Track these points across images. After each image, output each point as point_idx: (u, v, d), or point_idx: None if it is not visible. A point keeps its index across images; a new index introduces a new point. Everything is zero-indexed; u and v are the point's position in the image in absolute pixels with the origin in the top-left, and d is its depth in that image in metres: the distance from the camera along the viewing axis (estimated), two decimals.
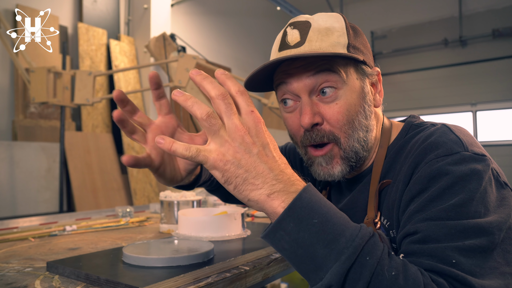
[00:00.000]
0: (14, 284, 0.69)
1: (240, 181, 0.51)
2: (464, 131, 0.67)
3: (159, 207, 1.61)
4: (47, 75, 2.49)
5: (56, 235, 1.18)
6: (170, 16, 4.16)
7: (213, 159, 0.51)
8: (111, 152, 3.59)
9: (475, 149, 0.62)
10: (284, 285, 2.94)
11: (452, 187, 0.58)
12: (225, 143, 0.51)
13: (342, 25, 0.71)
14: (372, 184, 0.73)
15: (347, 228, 0.52)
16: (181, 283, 0.68)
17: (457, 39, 6.07)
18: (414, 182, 0.62)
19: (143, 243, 0.89)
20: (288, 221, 0.51)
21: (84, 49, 3.56)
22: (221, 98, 0.51)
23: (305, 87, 0.69)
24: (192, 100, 0.51)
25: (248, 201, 0.53)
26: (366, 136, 0.73)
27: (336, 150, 0.71)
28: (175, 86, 2.79)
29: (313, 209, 0.51)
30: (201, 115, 0.50)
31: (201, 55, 4.80)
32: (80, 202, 3.14)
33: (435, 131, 0.67)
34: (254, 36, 6.26)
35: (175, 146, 0.51)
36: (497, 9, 5.84)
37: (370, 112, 0.74)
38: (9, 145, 2.90)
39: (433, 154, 0.62)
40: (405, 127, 0.77)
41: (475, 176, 0.58)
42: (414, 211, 0.60)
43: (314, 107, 0.69)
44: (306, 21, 0.72)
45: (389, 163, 0.73)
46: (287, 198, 0.52)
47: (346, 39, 0.70)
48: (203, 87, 0.52)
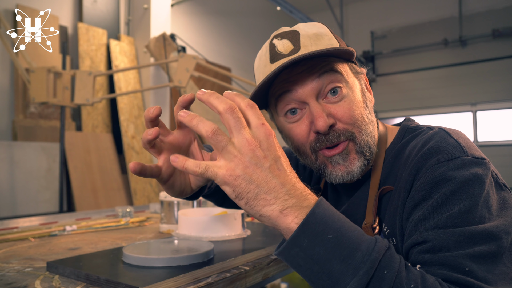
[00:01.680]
0: (14, 284, 0.69)
1: (251, 196, 0.50)
2: (461, 135, 0.67)
3: (159, 207, 1.61)
4: (47, 75, 2.49)
5: (56, 235, 1.18)
6: (170, 16, 4.16)
7: (223, 174, 0.50)
8: (111, 152, 3.59)
9: (475, 152, 0.62)
10: (284, 285, 2.94)
11: (455, 193, 0.57)
12: (234, 158, 0.50)
13: (327, 31, 0.73)
14: (372, 189, 0.72)
15: (362, 241, 0.51)
16: (181, 283, 0.68)
17: (457, 39, 6.07)
18: (417, 189, 0.62)
19: (143, 243, 0.89)
20: (303, 238, 0.50)
21: (84, 49, 3.56)
22: (230, 112, 0.50)
23: (311, 91, 0.68)
24: (197, 119, 0.50)
25: (260, 217, 0.52)
26: (373, 130, 0.73)
27: (351, 146, 0.70)
28: (175, 86, 2.79)
29: (327, 224, 0.50)
30: (206, 133, 0.49)
31: (201, 55, 4.80)
32: (80, 202, 3.14)
33: (433, 136, 0.66)
34: (254, 36, 6.27)
35: (187, 163, 0.50)
36: (497, 9, 5.84)
37: (370, 108, 0.74)
38: (9, 145, 2.90)
39: (434, 160, 0.62)
40: (401, 130, 0.76)
41: (477, 180, 0.58)
42: (419, 219, 0.59)
43: (324, 109, 0.68)
44: (293, 30, 0.72)
45: (388, 168, 0.72)
46: (300, 214, 0.51)
47: (336, 41, 0.71)
48: (211, 104, 0.51)
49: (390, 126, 0.81)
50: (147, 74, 3.92)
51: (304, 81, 0.68)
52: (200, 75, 2.94)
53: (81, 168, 3.26)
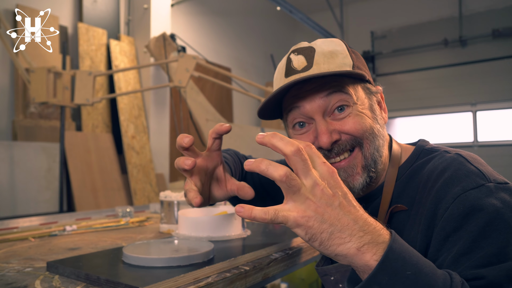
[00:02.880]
0: (14, 284, 0.69)
1: (326, 236, 0.50)
2: (479, 160, 0.67)
3: (159, 207, 1.61)
4: (47, 75, 2.49)
5: (56, 235, 1.18)
6: (170, 16, 4.16)
7: (294, 217, 0.50)
8: (111, 152, 3.59)
9: (497, 178, 0.63)
10: (284, 285, 2.95)
11: (491, 223, 0.57)
12: (306, 200, 0.50)
13: (344, 48, 0.74)
14: (383, 205, 0.72)
15: (438, 277, 0.51)
16: (181, 283, 0.68)
17: (457, 39, 6.07)
18: (447, 220, 0.61)
19: (143, 243, 0.89)
20: (383, 275, 0.49)
21: (84, 49, 3.56)
22: (298, 154, 0.50)
23: (318, 108, 0.71)
24: (265, 163, 0.50)
25: (335, 256, 0.51)
26: (382, 146, 0.73)
27: (359, 158, 0.71)
28: (175, 86, 2.79)
29: (405, 260, 0.50)
30: (280, 177, 0.49)
31: (201, 55, 4.80)
32: (80, 202, 3.14)
33: (452, 162, 0.66)
34: (254, 36, 6.27)
35: (254, 212, 0.50)
36: (497, 9, 5.84)
37: (382, 124, 0.75)
38: (9, 145, 2.90)
39: (459, 188, 0.61)
40: (416, 150, 0.76)
41: (508, 208, 0.58)
42: (459, 254, 0.58)
43: (329, 126, 0.70)
44: (310, 46, 0.74)
45: (401, 187, 0.72)
46: (378, 250, 0.50)
47: (350, 60, 0.73)
48: (275, 146, 0.51)
49: (404, 145, 0.82)
50: (147, 74, 3.92)
51: (312, 98, 0.71)
52: (200, 75, 2.94)
53: (81, 168, 3.26)
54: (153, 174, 3.77)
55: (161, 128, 4.02)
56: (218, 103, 5.27)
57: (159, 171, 3.92)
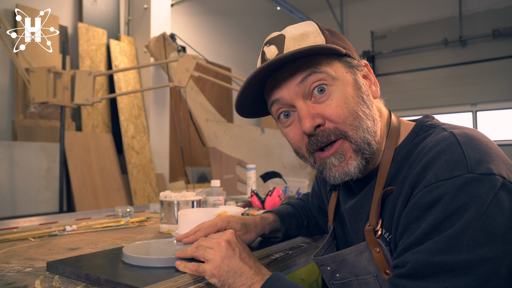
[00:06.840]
0: (14, 284, 0.69)
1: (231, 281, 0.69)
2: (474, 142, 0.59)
3: (159, 207, 1.61)
4: (47, 75, 2.49)
5: (56, 235, 1.18)
6: (170, 16, 4.16)
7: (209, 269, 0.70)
8: (111, 152, 3.59)
9: (480, 168, 0.56)
10: None
11: (448, 218, 0.54)
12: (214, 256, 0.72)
13: (315, 28, 0.72)
14: (377, 189, 0.70)
15: None
16: (181, 283, 0.68)
17: (457, 39, 6.07)
18: (413, 207, 0.59)
19: (143, 243, 0.89)
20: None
21: (84, 49, 3.56)
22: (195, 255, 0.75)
23: (296, 94, 0.69)
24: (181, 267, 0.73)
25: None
26: (374, 126, 0.70)
27: (347, 145, 0.68)
28: (175, 86, 2.79)
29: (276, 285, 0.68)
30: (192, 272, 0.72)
31: (201, 55, 4.80)
32: (80, 202, 3.14)
33: (440, 142, 0.61)
34: (254, 36, 6.27)
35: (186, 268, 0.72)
36: (497, 9, 5.84)
37: (370, 102, 0.71)
38: (9, 145, 2.90)
39: (432, 176, 0.58)
40: (415, 128, 0.71)
41: (475, 203, 0.53)
42: (410, 243, 0.58)
43: (311, 110, 0.68)
44: (280, 34, 0.72)
45: (396, 168, 0.68)
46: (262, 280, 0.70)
47: (322, 38, 0.70)
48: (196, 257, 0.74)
49: (405, 121, 0.76)
50: (147, 74, 3.92)
51: (288, 86, 0.69)
52: (200, 75, 2.94)
53: (81, 168, 3.26)
54: (153, 174, 3.77)
55: (161, 128, 4.02)
56: (218, 103, 5.28)
57: (159, 171, 3.92)
